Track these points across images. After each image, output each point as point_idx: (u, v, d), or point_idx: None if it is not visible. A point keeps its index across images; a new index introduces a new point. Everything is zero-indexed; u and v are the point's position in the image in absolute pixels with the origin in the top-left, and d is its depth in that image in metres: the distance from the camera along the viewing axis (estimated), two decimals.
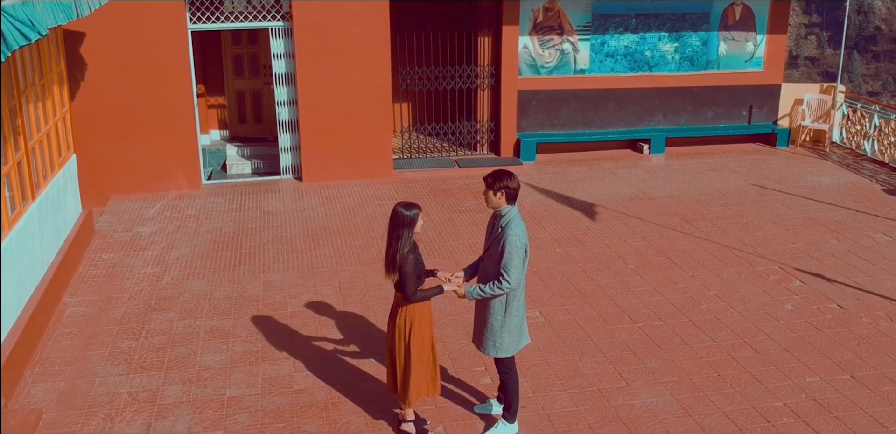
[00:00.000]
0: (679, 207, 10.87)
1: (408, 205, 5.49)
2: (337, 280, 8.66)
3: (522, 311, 5.76)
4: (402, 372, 5.71)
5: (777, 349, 7.18)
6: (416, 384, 5.72)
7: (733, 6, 13.50)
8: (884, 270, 8.86)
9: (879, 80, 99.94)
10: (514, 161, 12.92)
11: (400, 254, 5.43)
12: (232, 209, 10.91)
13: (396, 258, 5.44)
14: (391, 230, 5.47)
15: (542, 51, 13.04)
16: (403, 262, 5.44)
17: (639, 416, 6.18)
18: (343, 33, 11.56)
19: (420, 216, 5.49)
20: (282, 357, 7.08)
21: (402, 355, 5.69)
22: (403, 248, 5.44)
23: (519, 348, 5.82)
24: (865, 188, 11.75)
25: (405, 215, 5.43)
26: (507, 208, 5.59)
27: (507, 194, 5.54)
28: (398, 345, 5.69)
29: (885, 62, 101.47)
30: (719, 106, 13.84)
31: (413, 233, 5.47)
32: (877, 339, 7.37)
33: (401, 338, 5.66)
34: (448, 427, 6.04)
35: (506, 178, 5.53)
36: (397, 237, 5.45)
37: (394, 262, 5.46)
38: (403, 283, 5.50)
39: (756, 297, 8.21)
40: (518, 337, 5.78)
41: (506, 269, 5.47)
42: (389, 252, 5.49)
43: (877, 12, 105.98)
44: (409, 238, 5.45)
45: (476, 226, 10.20)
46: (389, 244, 5.50)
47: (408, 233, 5.44)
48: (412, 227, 5.45)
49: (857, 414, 6.21)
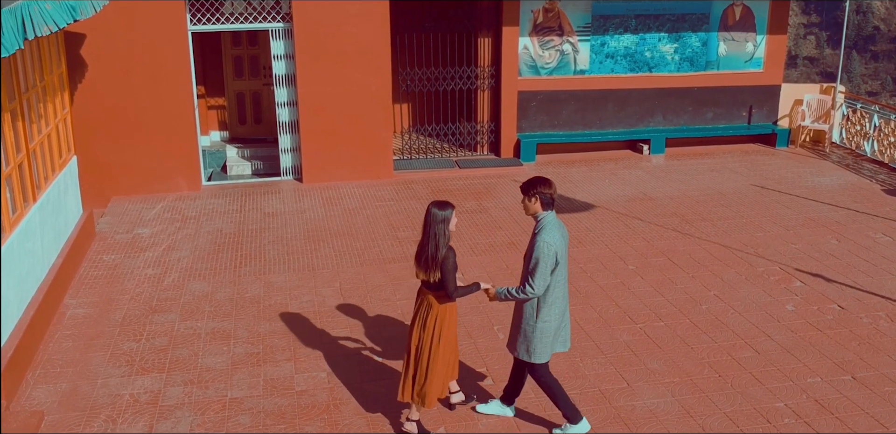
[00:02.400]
0: (679, 208, 10.88)
1: (441, 204, 5.58)
2: (338, 281, 8.66)
3: (558, 318, 5.69)
4: (424, 372, 5.73)
5: (778, 350, 7.19)
6: (437, 385, 5.77)
7: (733, 7, 13.51)
8: (884, 271, 8.87)
9: (878, 79, 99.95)
10: (514, 162, 12.93)
11: (440, 252, 5.50)
12: (232, 210, 10.91)
13: (436, 256, 5.49)
14: (426, 229, 5.54)
15: (542, 51, 13.05)
16: (445, 260, 5.50)
17: (640, 417, 6.19)
18: (343, 34, 11.57)
19: (454, 214, 5.57)
20: (283, 358, 7.09)
21: (426, 355, 5.71)
22: (442, 248, 5.50)
23: (551, 353, 5.78)
24: (865, 188, 11.76)
25: (439, 214, 5.51)
26: (543, 214, 5.58)
27: (541, 200, 5.54)
28: (425, 344, 5.71)
29: (883, 62, 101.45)
30: (719, 106, 13.85)
31: (448, 231, 5.52)
32: (877, 339, 7.38)
33: (428, 338, 5.70)
34: (450, 428, 6.05)
35: (539, 184, 5.54)
36: (434, 235, 5.51)
37: (433, 261, 5.50)
38: (446, 281, 5.53)
39: (756, 297, 8.22)
40: (551, 343, 5.72)
41: (531, 274, 5.50)
42: (425, 250, 5.53)
43: (875, 12, 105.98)
44: (445, 236, 5.51)
45: (476, 227, 10.21)
46: (425, 243, 5.55)
47: (444, 230, 5.50)
48: (447, 225, 5.52)
49: (858, 415, 6.22)
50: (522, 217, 10.50)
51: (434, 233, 5.50)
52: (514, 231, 10.07)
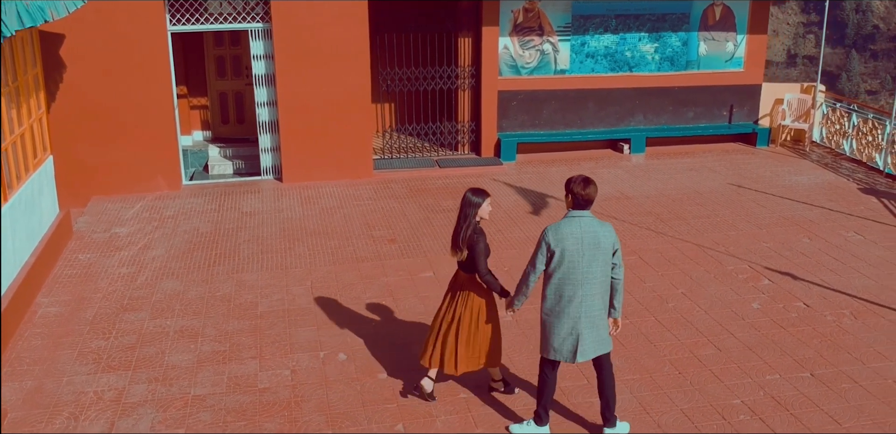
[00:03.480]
0: (655, 207, 10.93)
1: (477, 191, 5.97)
2: (309, 280, 8.72)
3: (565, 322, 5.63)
4: (442, 342, 6.16)
5: (740, 347, 7.25)
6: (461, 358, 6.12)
7: (713, 6, 13.57)
8: (853, 269, 8.93)
9: (878, 78, 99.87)
10: (494, 161, 12.99)
11: (465, 234, 5.90)
12: (211, 210, 10.97)
13: (464, 237, 5.90)
14: (460, 212, 5.96)
15: (523, 51, 13.11)
16: (473, 242, 5.90)
17: (596, 413, 6.23)
18: (322, 34, 11.62)
19: (488, 202, 5.94)
20: (249, 356, 7.15)
21: (447, 328, 6.13)
22: (469, 229, 5.90)
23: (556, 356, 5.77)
24: (842, 187, 11.81)
25: (473, 200, 5.91)
26: (570, 211, 5.68)
27: (572, 198, 5.63)
28: (446, 319, 6.14)
29: (883, 61, 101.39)
30: (700, 106, 13.91)
31: (478, 215, 5.90)
32: (839, 337, 7.44)
33: (450, 312, 6.13)
34: (407, 425, 6.11)
35: (573, 182, 5.64)
36: (464, 217, 5.92)
37: (462, 241, 5.92)
38: (476, 262, 5.91)
39: (723, 295, 8.28)
40: (556, 344, 5.71)
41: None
42: (456, 231, 5.97)
43: (875, 11, 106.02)
44: (474, 219, 5.89)
45: (452, 226, 10.22)
46: (458, 224, 5.97)
47: (473, 213, 5.89)
48: (477, 209, 5.90)
49: (813, 411, 6.28)
50: (497, 216, 10.57)
51: (465, 215, 5.93)
52: (488, 230, 10.10)
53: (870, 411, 6.27)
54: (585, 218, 5.63)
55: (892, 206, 10.96)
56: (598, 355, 5.78)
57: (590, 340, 5.68)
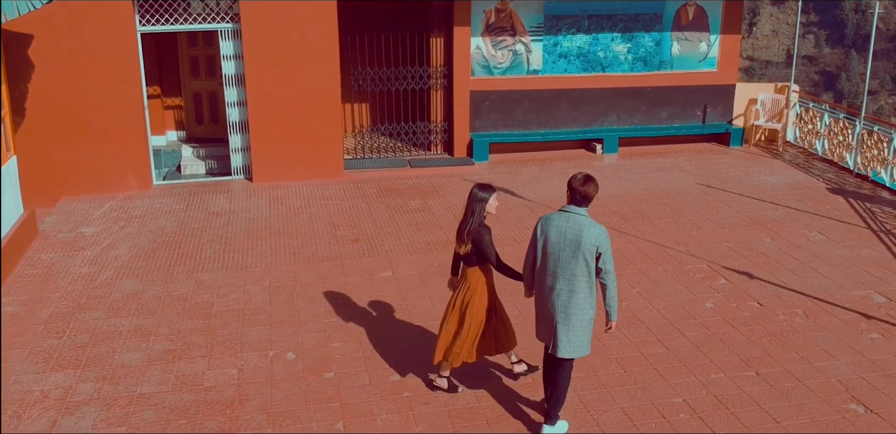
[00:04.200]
0: (621, 207, 10.96)
1: (484, 186, 6.12)
2: (268, 279, 8.75)
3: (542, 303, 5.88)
4: (452, 334, 6.27)
5: (688, 346, 7.27)
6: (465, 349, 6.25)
7: (686, 7, 13.59)
8: (811, 268, 8.95)
9: (877, 78, 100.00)
10: (466, 161, 13.02)
11: (471, 226, 6.05)
12: (178, 210, 11.00)
13: (469, 231, 6.06)
14: (467, 206, 6.11)
15: (495, 51, 13.13)
16: (479, 236, 6.05)
17: (537, 411, 6.26)
18: (292, 34, 11.65)
19: (494, 197, 6.09)
20: (198, 355, 7.17)
21: (454, 321, 6.26)
22: (475, 223, 6.04)
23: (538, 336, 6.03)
24: (811, 187, 11.83)
25: (479, 195, 6.05)
26: (565, 206, 5.79)
27: (570, 193, 5.75)
28: (454, 311, 6.26)
29: (882, 61, 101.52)
30: (673, 106, 13.93)
31: (485, 210, 6.05)
32: (789, 336, 7.46)
33: (458, 305, 6.25)
34: (348, 424, 6.14)
35: (574, 179, 5.73)
36: (471, 212, 6.07)
37: (467, 235, 6.07)
38: (484, 253, 6.09)
39: (678, 294, 8.31)
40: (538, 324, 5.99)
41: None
42: (462, 225, 6.11)
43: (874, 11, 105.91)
44: (480, 213, 6.05)
45: (416, 226, 10.29)
46: (464, 218, 6.11)
47: (480, 208, 6.04)
48: (484, 205, 6.05)
49: (753, 410, 6.30)
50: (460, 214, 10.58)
51: (471, 210, 6.07)
52: (453, 230, 10.11)
53: (809, 410, 6.30)
54: (576, 215, 5.71)
55: (859, 206, 10.99)
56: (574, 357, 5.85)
57: (565, 340, 5.75)
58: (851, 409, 6.31)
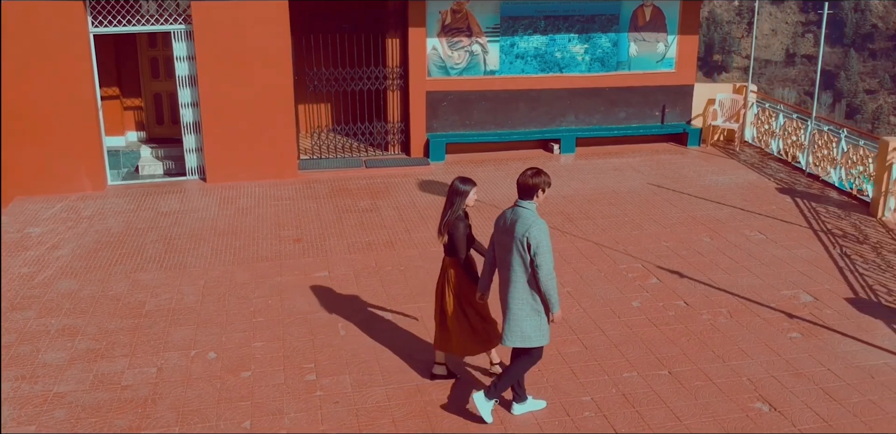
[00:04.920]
0: (568, 207, 11.02)
1: (464, 180, 6.28)
2: (203, 279, 8.81)
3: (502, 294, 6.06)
4: (442, 325, 6.52)
5: (606, 345, 7.33)
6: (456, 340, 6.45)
7: (643, 7, 13.64)
8: (743, 268, 9.01)
9: (876, 77, 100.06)
10: (422, 161, 13.08)
11: (449, 218, 6.23)
12: (129, 210, 11.07)
13: (447, 223, 6.24)
14: (447, 199, 6.28)
15: (452, 52, 13.19)
16: (454, 227, 6.23)
17: (445, 410, 6.33)
18: (243, 35, 11.71)
19: (474, 191, 6.25)
20: (121, 354, 7.24)
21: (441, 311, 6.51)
22: (453, 215, 6.21)
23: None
24: (760, 187, 11.89)
25: (460, 188, 6.22)
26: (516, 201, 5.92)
27: (517, 188, 5.91)
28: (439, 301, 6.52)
29: (881, 60, 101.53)
30: (631, 106, 13.99)
31: (464, 203, 6.23)
32: (709, 335, 7.52)
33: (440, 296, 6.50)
34: (292, 424, 6.21)
35: (521, 174, 5.88)
36: (450, 204, 6.25)
37: (445, 226, 6.26)
38: (455, 246, 6.27)
39: (607, 294, 8.37)
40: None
41: None
42: (442, 216, 6.29)
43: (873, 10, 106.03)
44: (459, 206, 6.23)
45: (360, 226, 10.35)
46: (444, 210, 6.29)
47: (459, 201, 6.21)
48: (464, 198, 6.21)
49: (658, 408, 6.36)
50: (410, 216, 10.67)
51: (451, 202, 6.24)
52: (396, 230, 10.22)
53: (714, 408, 6.36)
54: (520, 208, 5.86)
55: (805, 206, 11.04)
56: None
57: (507, 328, 5.94)
58: (756, 407, 6.37)
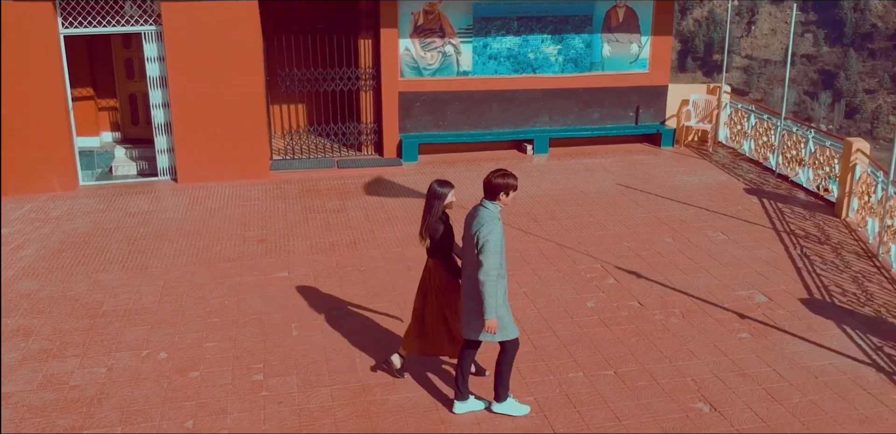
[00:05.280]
0: (534, 207, 11.05)
1: (442, 182, 6.35)
2: (164, 280, 8.85)
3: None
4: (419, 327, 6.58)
5: (556, 345, 7.37)
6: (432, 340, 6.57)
7: (616, 8, 13.67)
8: (702, 268, 9.04)
9: (876, 77, 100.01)
10: (394, 162, 13.12)
11: (430, 221, 6.29)
12: (97, 210, 11.11)
13: (428, 226, 6.30)
14: (426, 202, 6.35)
15: (424, 53, 13.23)
16: (434, 229, 6.30)
17: (387, 410, 6.37)
18: (214, 36, 11.75)
19: (452, 193, 6.32)
20: (72, 354, 7.28)
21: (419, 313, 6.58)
22: (433, 218, 6.29)
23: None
24: (729, 187, 11.93)
25: (438, 191, 6.30)
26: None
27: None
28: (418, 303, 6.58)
29: (881, 59, 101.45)
30: (605, 107, 14.02)
31: (443, 205, 6.29)
32: (659, 335, 7.56)
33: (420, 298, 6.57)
34: (236, 419, 6.24)
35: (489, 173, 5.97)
36: (429, 207, 6.31)
37: (426, 229, 6.32)
38: (434, 248, 6.33)
39: (562, 294, 8.40)
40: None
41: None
42: (423, 220, 6.35)
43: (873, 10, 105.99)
44: (439, 209, 6.29)
45: (325, 227, 10.39)
46: (424, 214, 6.35)
47: (438, 204, 6.28)
48: (442, 201, 6.28)
49: (600, 408, 6.40)
50: (376, 217, 10.71)
51: (430, 205, 6.30)
52: (362, 230, 10.26)
53: (655, 408, 6.39)
54: (480, 207, 5.99)
55: (771, 207, 11.08)
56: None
57: (463, 320, 6.14)
58: (697, 407, 6.41)
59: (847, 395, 6.57)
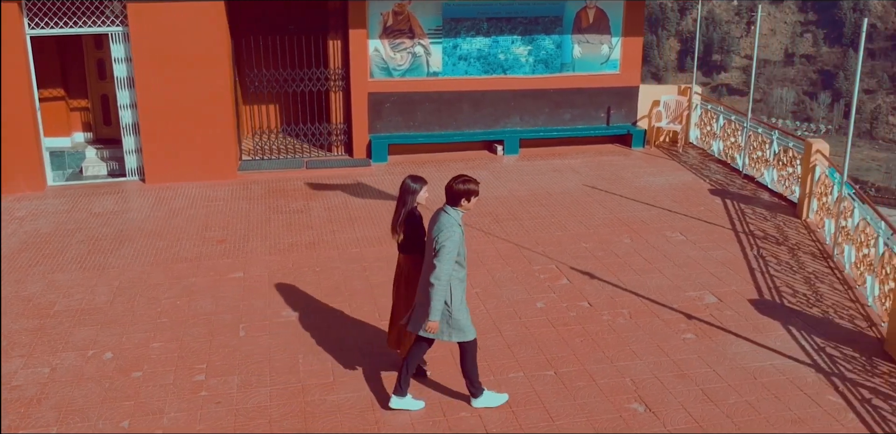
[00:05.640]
0: (498, 208, 11.08)
1: (415, 178, 6.43)
2: (119, 280, 8.88)
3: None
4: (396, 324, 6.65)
5: (500, 345, 7.40)
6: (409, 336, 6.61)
7: (586, 9, 13.70)
8: (655, 269, 9.07)
9: (875, 77, 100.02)
10: (363, 162, 13.15)
11: (403, 218, 6.38)
12: (62, 211, 11.14)
13: (401, 221, 6.39)
14: (398, 198, 6.45)
15: (394, 54, 13.26)
16: (408, 225, 6.39)
17: (323, 411, 6.40)
18: (180, 37, 11.79)
19: (425, 189, 6.39)
20: (18, 355, 7.30)
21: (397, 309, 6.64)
22: (406, 213, 6.37)
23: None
24: (694, 188, 11.95)
25: (410, 186, 6.37)
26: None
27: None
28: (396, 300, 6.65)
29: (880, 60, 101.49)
30: (577, 108, 14.05)
31: (415, 201, 6.37)
32: (604, 336, 7.58)
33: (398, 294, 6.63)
34: None
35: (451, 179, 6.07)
36: (402, 203, 6.40)
37: (399, 225, 6.41)
38: (406, 243, 6.44)
39: (514, 295, 8.43)
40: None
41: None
42: (395, 216, 6.43)
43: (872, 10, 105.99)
44: (411, 204, 6.39)
45: (288, 227, 10.41)
46: (396, 209, 6.44)
47: (412, 199, 6.37)
48: (415, 196, 6.37)
49: (535, 409, 6.42)
50: (339, 217, 10.74)
51: (403, 201, 6.39)
52: (323, 231, 10.29)
53: (590, 409, 6.42)
54: (442, 211, 6.05)
55: (733, 207, 11.11)
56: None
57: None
58: (632, 408, 6.44)
59: (783, 396, 6.60)
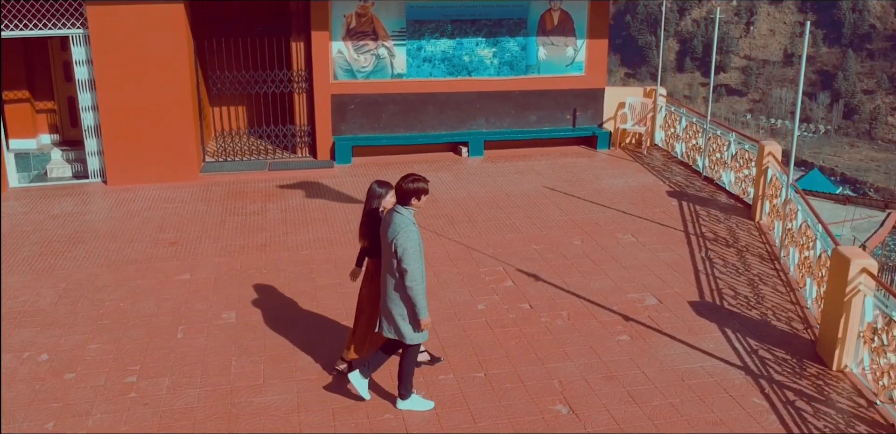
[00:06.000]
0: (454, 210, 11.11)
1: (382, 183, 6.54)
2: (66, 282, 8.92)
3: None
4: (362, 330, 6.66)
5: (435, 347, 7.42)
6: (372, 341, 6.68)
7: (550, 12, 13.74)
8: (601, 271, 9.11)
9: (874, 77, 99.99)
10: (327, 164, 13.19)
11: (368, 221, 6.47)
12: (21, 213, 11.17)
13: (363, 224, 6.52)
14: (365, 203, 6.54)
15: (358, 55, 13.30)
16: (371, 229, 6.44)
17: (249, 412, 6.43)
18: (140, 39, 11.82)
19: (391, 194, 6.41)
20: None
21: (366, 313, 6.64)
22: (370, 218, 6.46)
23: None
24: (653, 190, 11.99)
25: (376, 191, 6.49)
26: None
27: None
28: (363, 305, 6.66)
29: (879, 60, 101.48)
30: (542, 109, 14.08)
31: (381, 205, 6.46)
32: (540, 337, 7.61)
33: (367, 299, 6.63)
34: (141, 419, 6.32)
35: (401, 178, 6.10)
36: (368, 207, 6.49)
37: (363, 229, 6.52)
38: (372, 247, 6.49)
39: (457, 297, 8.46)
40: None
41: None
42: (363, 219, 6.55)
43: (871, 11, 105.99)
44: (378, 208, 6.48)
45: (242, 229, 10.45)
46: (363, 215, 6.56)
47: (377, 204, 6.48)
48: (381, 201, 6.47)
49: (460, 410, 6.45)
50: (294, 219, 10.78)
51: (369, 205, 6.48)
52: (276, 233, 10.33)
53: (513, 411, 6.45)
54: (395, 212, 6.09)
55: (689, 209, 11.14)
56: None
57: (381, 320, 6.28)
58: (555, 409, 6.47)
59: (708, 398, 6.63)
